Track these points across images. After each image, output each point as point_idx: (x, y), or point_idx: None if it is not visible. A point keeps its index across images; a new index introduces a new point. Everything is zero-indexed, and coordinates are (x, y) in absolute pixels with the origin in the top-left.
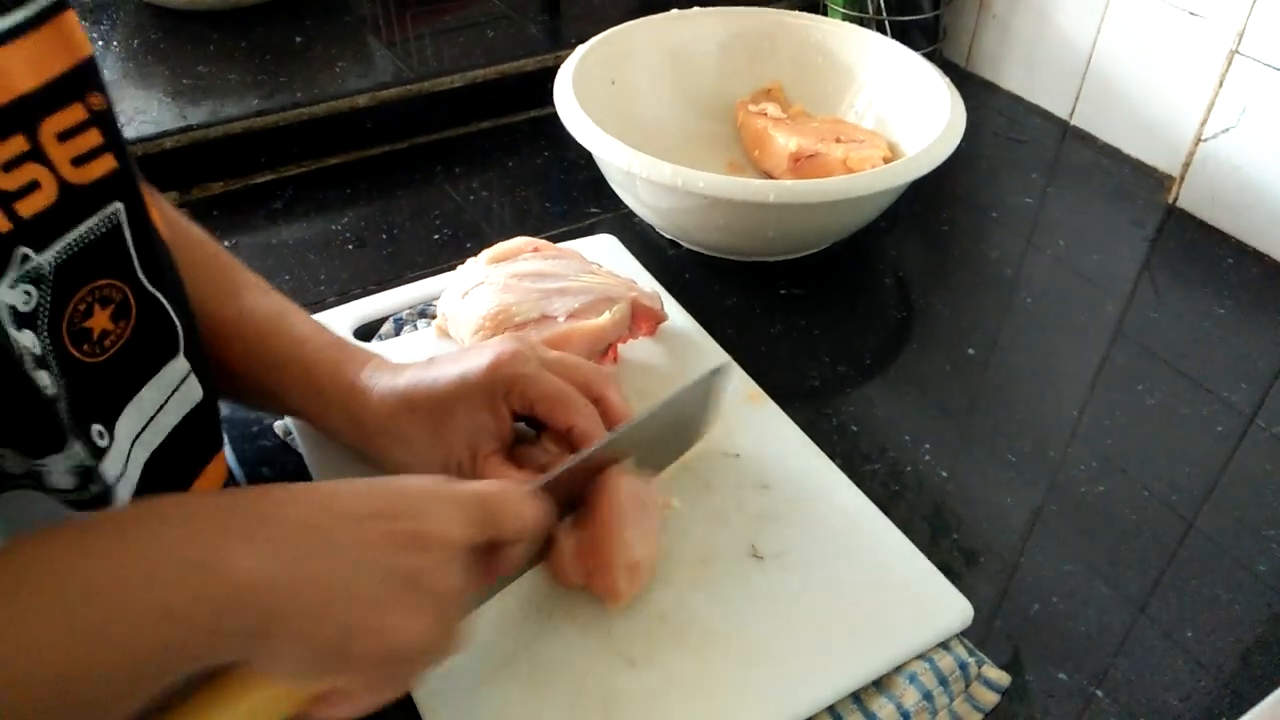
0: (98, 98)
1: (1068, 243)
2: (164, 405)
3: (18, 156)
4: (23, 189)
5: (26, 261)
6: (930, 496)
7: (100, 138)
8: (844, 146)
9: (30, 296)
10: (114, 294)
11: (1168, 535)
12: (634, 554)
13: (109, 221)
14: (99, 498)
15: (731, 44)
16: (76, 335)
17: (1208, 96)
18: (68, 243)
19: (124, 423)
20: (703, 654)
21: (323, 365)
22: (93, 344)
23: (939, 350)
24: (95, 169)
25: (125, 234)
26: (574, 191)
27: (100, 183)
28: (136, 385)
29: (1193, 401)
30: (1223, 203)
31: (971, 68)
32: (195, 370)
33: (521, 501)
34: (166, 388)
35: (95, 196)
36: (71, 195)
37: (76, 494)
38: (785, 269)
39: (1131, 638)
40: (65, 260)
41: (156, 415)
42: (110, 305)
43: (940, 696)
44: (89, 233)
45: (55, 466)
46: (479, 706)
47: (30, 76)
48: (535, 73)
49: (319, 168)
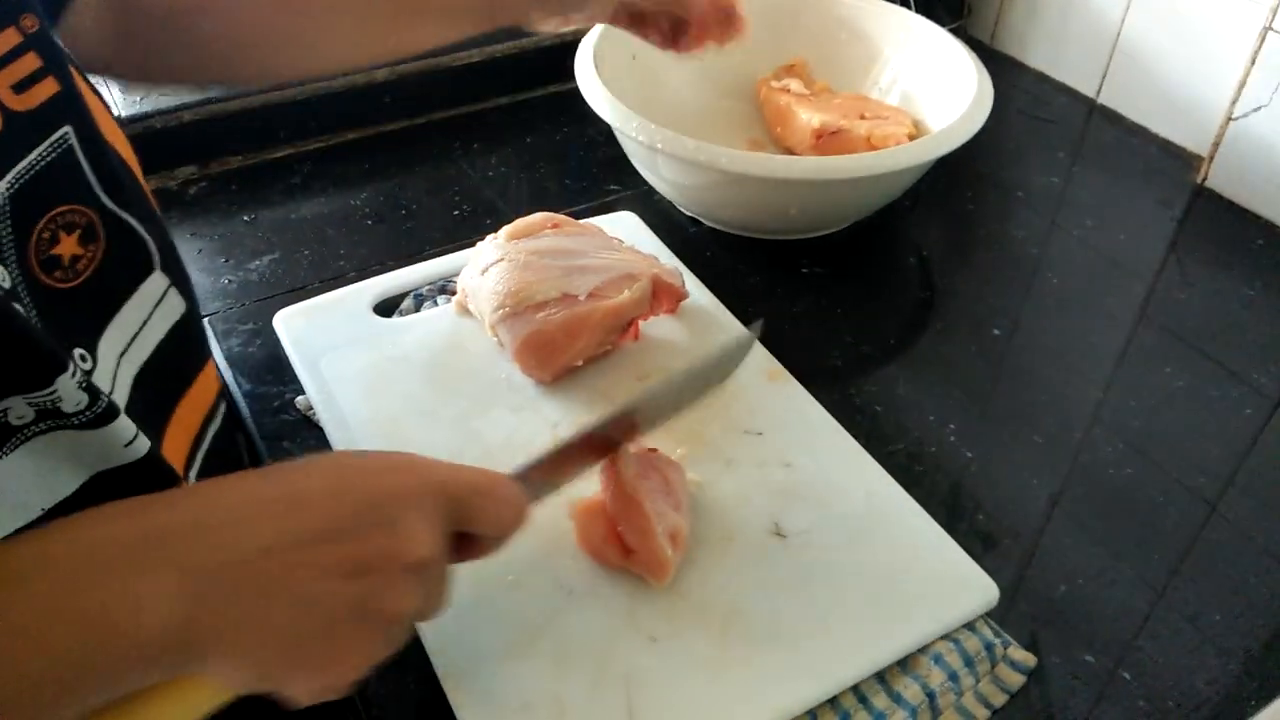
0: (30, 19)
1: (1094, 223)
2: (147, 321)
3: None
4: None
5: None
6: (953, 477)
7: (39, 60)
8: (868, 123)
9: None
10: (78, 219)
11: (1193, 519)
12: (671, 521)
13: (59, 145)
14: (107, 412)
15: (755, 19)
16: (47, 263)
17: (1239, 74)
18: (18, 171)
19: (107, 343)
20: (725, 632)
21: None
22: (65, 270)
23: (963, 331)
24: (38, 94)
25: (79, 156)
26: (594, 168)
27: (44, 106)
28: (115, 305)
29: (1220, 384)
30: (1253, 183)
31: (997, 45)
32: (175, 284)
33: (509, 502)
34: (147, 304)
35: (41, 121)
36: (16, 122)
37: (90, 411)
38: (807, 247)
39: (1157, 621)
40: (19, 189)
41: (140, 332)
42: (76, 230)
43: (966, 677)
44: (39, 159)
45: (65, 387)
46: (501, 683)
47: None
48: (554, 48)
49: (337, 143)
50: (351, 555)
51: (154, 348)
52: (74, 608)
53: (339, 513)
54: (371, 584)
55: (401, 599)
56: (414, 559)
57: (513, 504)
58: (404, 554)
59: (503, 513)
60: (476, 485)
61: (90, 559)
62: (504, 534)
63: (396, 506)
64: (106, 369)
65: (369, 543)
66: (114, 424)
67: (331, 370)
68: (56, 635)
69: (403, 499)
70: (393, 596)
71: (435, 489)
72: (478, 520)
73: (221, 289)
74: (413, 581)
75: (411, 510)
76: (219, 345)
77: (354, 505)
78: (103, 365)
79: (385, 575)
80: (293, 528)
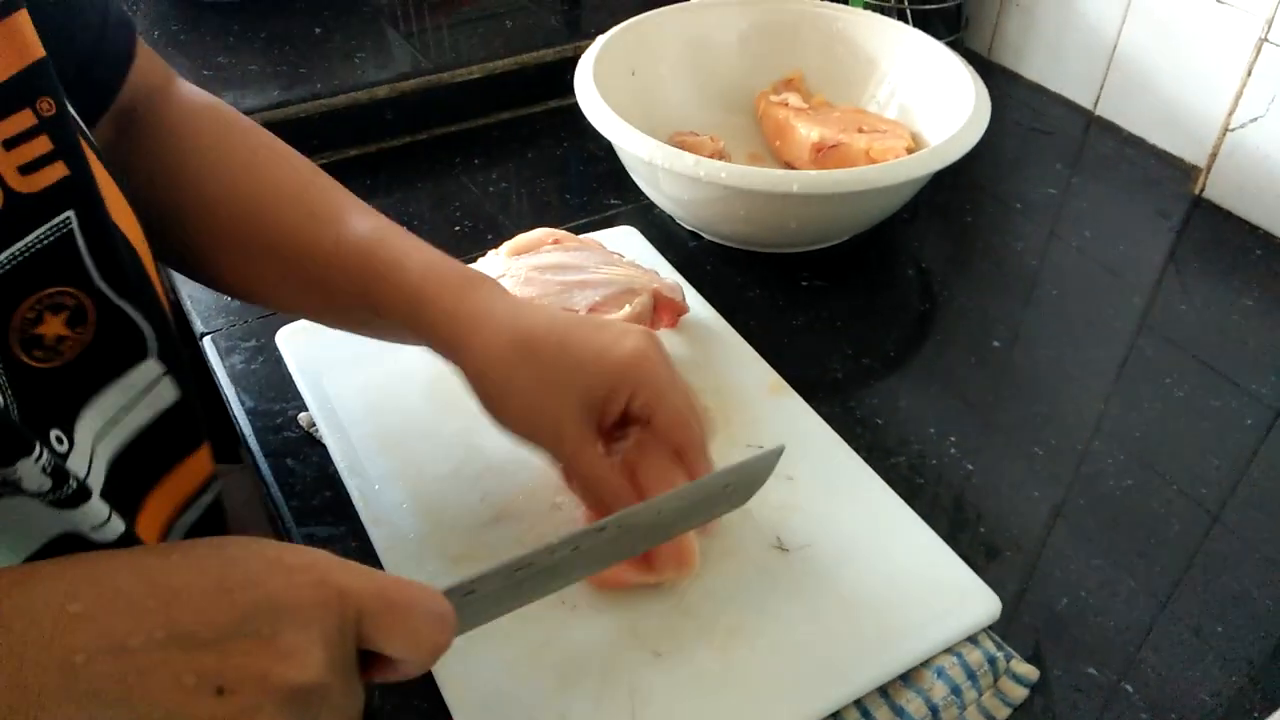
0: (48, 102)
1: (1092, 234)
2: (131, 407)
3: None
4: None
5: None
6: (954, 489)
7: (50, 144)
8: (866, 137)
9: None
10: (66, 300)
11: (1196, 530)
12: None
13: (59, 229)
14: (77, 494)
15: (752, 34)
16: (28, 342)
17: (1235, 86)
18: (12, 252)
19: (83, 425)
20: (729, 647)
21: (424, 287)
22: (46, 350)
23: (963, 342)
24: (44, 177)
25: (77, 241)
26: (594, 183)
27: (49, 191)
28: (95, 388)
29: (1220, 394)
30: (1251, 193)
31: (994, 57)
32: (172, 371)
33: (425, 624)
34: (133, 390)
35: (44, 205)
36: (18, 204)
37: (54, 494)
38: (807, 260)
39: (1160, 633)
40: (10, 270)
41: (122, 417)
42: (64, 311)
43: (969, 691)
44: (36, 241)
45: (27, 470)
46: (506, 697)
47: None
48: (555, 63)
49: (339, 159)
50: (216, 668)
51: (136, 433)
52: None
53: (213, 617)
54: (235, 706)
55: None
56: (290, 682)
57: (431, 623)
58: (278, 675)
59: (419, 632)
60: (387, 597)
61: None
62: (419, 658)
63: (280, 617)
64: (83, 451)
65: (240, 656)
66: (84, 506)
67: (334, 387)
68: None
69: (290, 609)
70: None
71: (334, 599)
72: (385, 639)
73: (224, 306)
74: (290, 710)
75: (298, 624)
76: (222, 362)
77: (231, 610)
78: (79, 447)
79: (254, 698)
80: (157, 626)
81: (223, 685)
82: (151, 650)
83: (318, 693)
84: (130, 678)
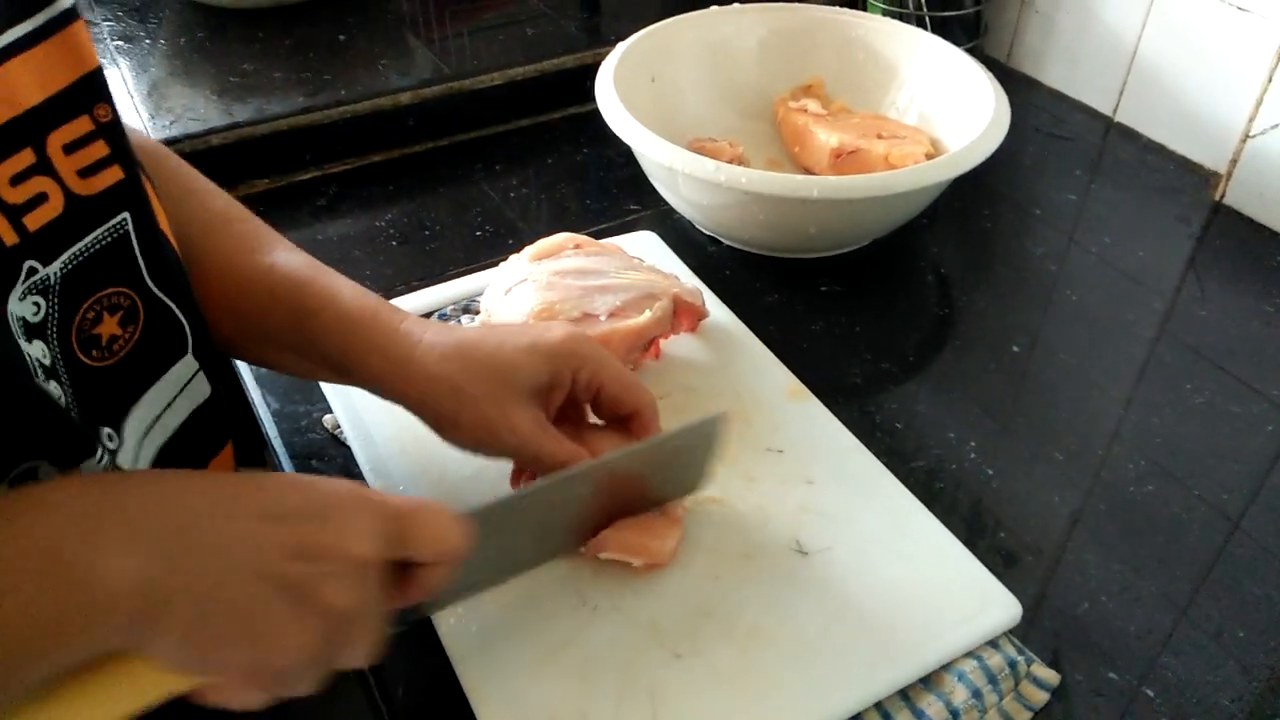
0: (104, 109)
1: (1112, 240)
2: (171, 404)
3: (25, 170)
4: (30, 202)
5: (34, 274)
6: (974, 494)
7: (106, 148)
8: (886, 143)
9: (39, 308)
10: (122, 300)
11: (1216, 536)
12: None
13: (115, 231)
14: None
15: (771, 40)
16: (86, 342)
17: (1256, 92)
18: (74, 253)
19: (131, 423)
20: (749, 648)
21: (362, 311)
22: (101, 349)
23: (982, 348)
24: (102, 180)
25: (132, 243)
26: (613, 188)
27: (107, 193)
28: (144, 386)
29: (1240, 401)
30: (1271, 200)
31: (1013, 63)
32: (204, 368)
33: (444, 523)
34: (173, 386)
35: (102, 207)
36: (78, 206)
37: None
38: (826, 266)
39: (1181, 638)
40: (71, 270)
41: (164, 414)
42: (119, 312)
43: (989, 695)
44: (95, 242)
45: (91, 470)
46: (528, 696)
47: (38, 90)
48: (574, 70)
49: (362, 165)
50: (297, 538)
51: (175, 430)
52: (41, 561)
53: (289, 505)
54: (311, 570)
55: (338, 593)
56: (353, 556)
57: (447, 522)
58: (344, 549)
59: (437, 535)
60: (410, 504)
61: (59, 517)
62: (437, 557)
63: (336, 508)
64: (130, 449)
65: (315, 532)
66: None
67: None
68: (23, 587)
69: (349, 505)
70: (329, 588)
71: (374, 504)
72: (411, 539)
73: None
74: (350, 580)
75: (350, 514)
76: (248, 366)
77: (304, 499)
78: (127, 445)
79: (325, 566)
80: (249, 503)
81: (302, 553)
82: (251, 520)
83: (369, 571)
84: (231, 539)
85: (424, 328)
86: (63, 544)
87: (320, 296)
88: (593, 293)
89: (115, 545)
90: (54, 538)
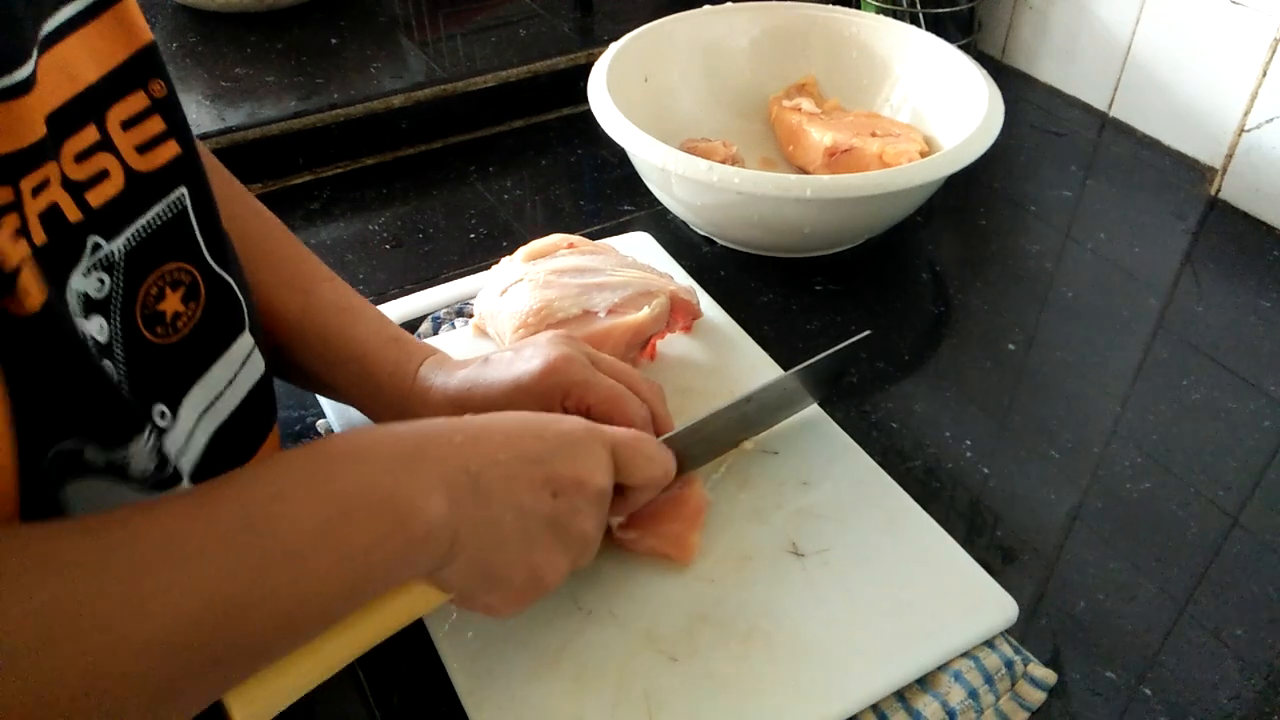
0: (159, 84)
1: (1108, 236)
2: (232, 381)
3: (90, 147)
4: (93, 178)
5: (98, 250)
6: (970, 493)
7: (163, 124)
8: (880, 141)
9: (104, 284)
10: (184, 276)
11: (1214, 533)
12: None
13: (175, 206)
14: (173, 478)
15: (764, 39)
16: (150, 319)
17: (1250, 87)
18: (136, 229)
19: (191, 400)
20: (745, 651)
21: (382, 367)
22: (165, 326)
23: (978, 346)
24: (160, 155)
25: (190, 218)
26: (607, 189)
27: (165, 169)
28: (207, 363)
29: (1238, 396)
30: (1267, 194)
31: (1007, 60)
32: (258, 344)
33: (655, 451)
34: (234, 364)
35: (161, 182)
36: (138, 182)
37: (156, 475)
38: (821, 265)
39: (1179, 636)
40: (135, 246)
41: (224, 391)
42: (181, 288)
43: (986, 695)
44: (156, 218)
45: (138, 450)
46: (523, 703)
47: (94, 66)
48: (567, 71)
49: (355, 168)
50: (553, 477)
51: (234, 409)
52: (377, 502)
53: (543, 444)
54: (564, 504)
55: (586, 521)
56: (596, 487)
57: (659, 458)
58: (589, 482)
59: (653, 458)
60: (630, 438)
61: (378, 465)
62: (650, 483)
63: (581, 445)
64: (184, 428)
65: (565, 470)
66: (175, 490)
67: None
68: (369, 525)
69: (584, 441)
70: (579, 518)
71: (600, 435)
72: (630, 468)
73: None
74: (593, 508)
75: (587, 449)
76: None
77: (552, 440)
78: (182, 424)
79: (574, 498)
80: (514, 449)
81: (555, 490)
82: (510, 464)
83: (606, 498)
84: (504, 482)
85: (433, 377)
86: (395, 488)
87: (345, 348)
88: (591, 290)
89: (428, 487)
90: (384, 482)
